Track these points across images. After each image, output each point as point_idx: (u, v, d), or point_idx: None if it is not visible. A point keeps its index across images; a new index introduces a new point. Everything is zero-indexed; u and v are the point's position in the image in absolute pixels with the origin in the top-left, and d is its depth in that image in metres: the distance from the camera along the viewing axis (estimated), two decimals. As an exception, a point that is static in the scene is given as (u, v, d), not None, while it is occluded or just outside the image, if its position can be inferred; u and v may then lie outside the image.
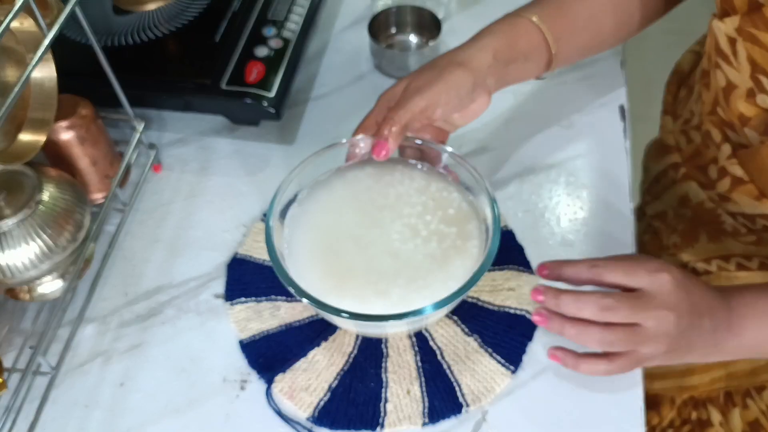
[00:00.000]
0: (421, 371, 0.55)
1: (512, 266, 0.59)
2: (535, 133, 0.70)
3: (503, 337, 0.56)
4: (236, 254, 0.62)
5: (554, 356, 0.50)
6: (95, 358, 0.58)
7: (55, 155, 0.62)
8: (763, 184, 0.57)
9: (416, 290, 0.50)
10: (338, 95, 0.75)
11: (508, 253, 0.60)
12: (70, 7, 0.53)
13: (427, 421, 0.53)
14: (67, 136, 0.61)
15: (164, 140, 0.72)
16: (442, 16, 0.79)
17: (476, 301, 0.58)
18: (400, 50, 0.78)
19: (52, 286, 0.59)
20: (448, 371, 0.54)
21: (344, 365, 0.55)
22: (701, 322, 0.47)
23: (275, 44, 0.70)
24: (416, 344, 0.56)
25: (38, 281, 0.58)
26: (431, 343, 0.56)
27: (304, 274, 0.51)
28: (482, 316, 0.57)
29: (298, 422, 0.53)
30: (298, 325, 0.57)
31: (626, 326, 0.46)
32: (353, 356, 0.56)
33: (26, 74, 0.49)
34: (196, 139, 0.72)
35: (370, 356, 0.55)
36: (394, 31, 0.78)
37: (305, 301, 0.47)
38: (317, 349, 0.56)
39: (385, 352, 0.56)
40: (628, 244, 0.61)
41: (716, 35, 0.55)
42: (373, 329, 0.54)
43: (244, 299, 0.59)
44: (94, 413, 0.55)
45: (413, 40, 0.79)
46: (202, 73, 0.68)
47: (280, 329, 0.57)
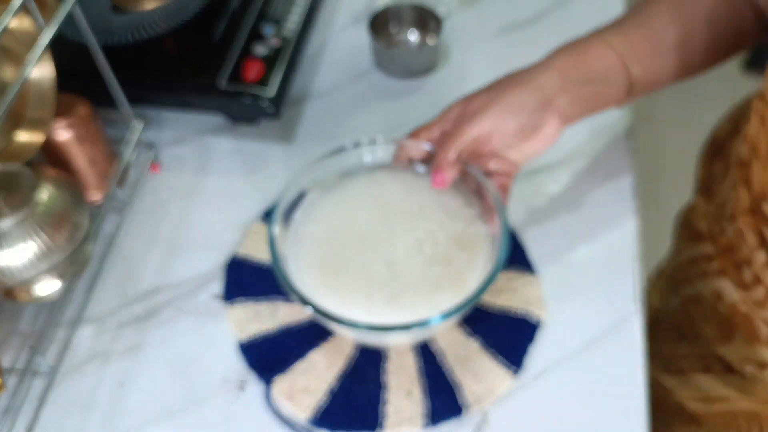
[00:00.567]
0: (421, 373, 0.54)
1: (514, 267, 0.59)
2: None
3: (505, 338, 0.55)
4: (235, 254, 0.62)
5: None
6: (94, 358, 0.57)
7: (53, 155, 0.62)
8: None
9: (397, 307, 0.49)
10: (338, 94, 0.75)
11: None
12: (68, 6, 0.52)
13: (427, 422, 0.52)
14: (65, 135, 0.60)
15: (163, 139, 0.72)
16: (442, 14, 0.79)
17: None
18: (400, 48, 0.78)
19: (50, 286, 0.59)
20: (448, 373, 0.54)
21: (344, 367, 0.55)
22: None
23: (274, 43, 0.69)
24: (417, 346, 0.56)
25: (36, 281, 0.58)
26: (432, 344, 0.56)
27: (301, 265, 0.51)
28: (484, 317, 0.56)
29: (297, 424, 0.53)
30: (297, 326, 0.57)
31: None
32: (353, 358, 0.55)
33: (24, 74, 0.48)
34: (194, 138, 0.72)
35: (370, 358, 0.55)
36: (394, 29, 0.78)
37: (308, 309, 0.47)
38: (317, 350, 0.56)
39: (385, 353, 0.55)
40: (629, 242, 0.61)
41: (765, 120, 0.47)
42: (370, 338, 0.54)
43: (243, 300, 0.59)
44: (92, 414, 0.55)
45: (414, 38, 0.78)
46: (201, 71, 0.67)
47: (279, 330, 0.57)
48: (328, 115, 0.73)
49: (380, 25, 0.77)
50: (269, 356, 0.56)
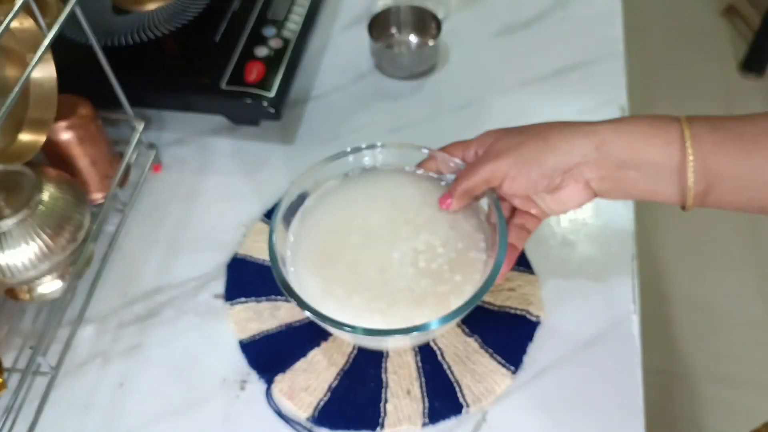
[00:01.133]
0: (421, 372, 0.54)
1: (513, 267, 0.59)
2: (535, 133, 0.70)
3: (504, 337, 0.56)
4: (236, 254, 0.62)
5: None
6: (95, 358, 0.58)
7: (54, 155, 0.62)
8: None
9: (374, 312, 0.48)
10: (338, 95, 0.75)
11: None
12: (69, 6, 0.53)
13: (427, 421, 0.52)
14: (66, 136, 0.61)
15: (164, 140, 0.72)
16: (442, 15, 0.79)
17: (476, 301, 0.57)
18: (400, 50, 0.78)
19: (51, 286, 0.59)
20: (448, 372, 0.54)
21: (344, 365, 0.55)
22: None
23: (275, 44, 0.70)
24: (416, 345, 0.56)
25: (38, 281, 0.58)
26: (431, 343, 0.56)
27: (299, 266, 0.51)
28: (483, 316, 0.57)
29: (297, 422, 0.53)
30: (298, 325, 0.57)
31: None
32: (353, 356, 0.55)
33: (26, 74, 0.48)
34: (195, 139, 0.72)
35: (370, 357, 0.55)
36: (394, 30, 0.78)
37: (307, 313, 0.47)
38: (317, 349, 0.56)
39: (385, 352, 0.56)
40: (628, 244, 0.61)
41: None
42: (366, 342, 0.54)
43: (243, 299, 0.59)
44: (93, 414, 0.55)
45: (413, 39, 0.79)
46: (201, 73, 0.68)
47: (279, 329, 0.57)
48: (328, 116, 0.73)
49: (380, 26, 0.77)
50: (270, 355, 0.56)
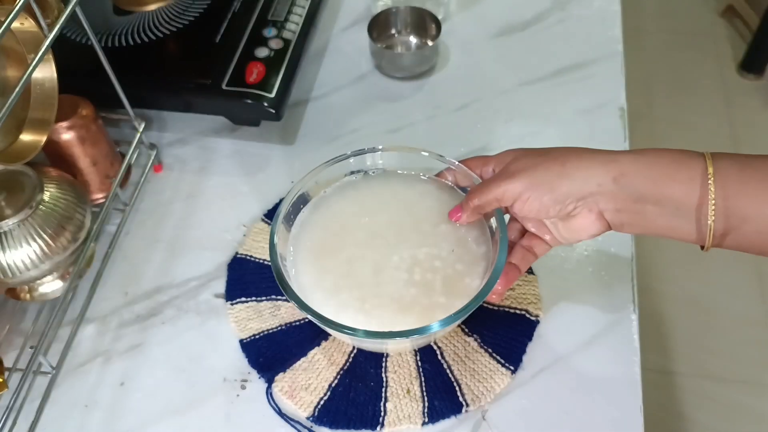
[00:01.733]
0: (421, 371, 0.55)
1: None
2: (534, 133, 0.71)
3: (503, 337, 0.56)
4: (236, 254, 0.62)
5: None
6: (95, 357, 0.58)
7: (55, 155, 0.62)
8: None
9: (357, 310, 0.49)
10: (338, 95, 0.75)
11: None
12: (70, 7, 0.53)
13: (426, 420, 0.53)
14: (67, 136, 0.61)
15: (165, 140, 0.72)
16: (441, 16, 0.80)
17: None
18: (400, 51, 0.78)
19: (52, 285, 0.59)
20: (448, 371, 0.55)
21: (344, 364, 0.55)
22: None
23: (275, 45, 0.70)
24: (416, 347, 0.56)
25: (39, 281, 0.58)
26: (431, 343, 0.56)
27: (299, 264, 0.51)
28: (482, 315, 0.57)
29: (298, 421, 0.53)
30: (298, 324, 0.57)
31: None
32: (353, 355, 0.56)
33: (27, 74, 0.49)
34: (196, 139, 0.72)
35: (370, 356, 0.56)
36: (393, 31, 0.79)
37: (310, 316, 0.48)
38: (317, 348, 0.56)
39: (385, 352, 0.56)
40: (627, 243, 0.61)
41: None
42: (365, 344, 0.54)
43: (244, 299, 0.59)
44: (94, 413, 0.55)
45: (413, 40, 0.79)
46: (202, 73, 0.68)
47: (280, 329, 0.57)
48: (328, 116, 0.73)
49: (380, 27, 0.77)
50: (270, 354, 0.56)
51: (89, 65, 0.61)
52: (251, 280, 0.60)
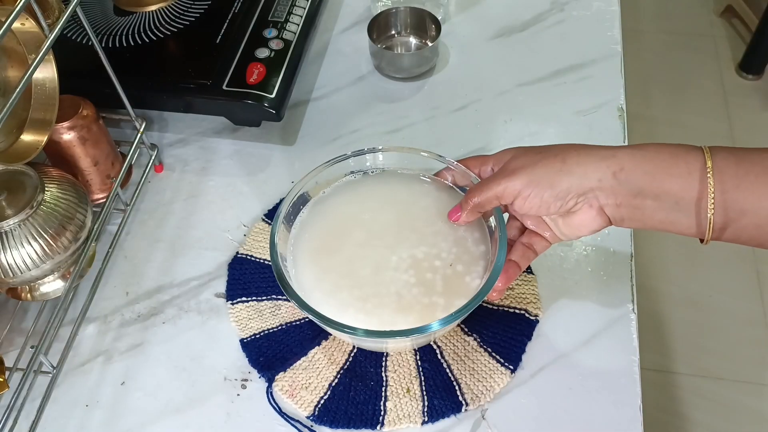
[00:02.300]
0: (420, 370, 0.55)
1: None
2: (534, 133, 0.71)
3: (502, 336, 0.56)
4: (237, 254, 0.62)
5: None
6: (96, 357, 0.58)
7: (56, 155, 0.62)
8: None
9: (357, 310, 0.49)
10: (338, 96, 0.75)
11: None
12: (71, 7, 0.53)
13: (426, 419, 0.53)
14: (68, 136, 0.61)
15: (165, 140, 0.72)
16: (441, 17, 0.80)
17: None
18: (399, 51, 0.79)
19: (53, 285, 0.59)
20: (447, 370, 0.55)
21: (344, 364, 0.55)
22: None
23: (276, 45, 0.70)
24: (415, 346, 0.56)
25: (40, 281, 0.59)
26: (431, 342, 0.56)
27: (299, 263, 0.52)
28: (481, 315, 0.57)
29: (298, 421, 0.53)
30: (298, 323, 0.58)
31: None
32: (353, 355, 0.56)
33: (28, 75, 0.49)
34: (197, 139, 0.72)
35: (370, 355, 0.56)
36: (393, 32, 0.79)
37: (311, 316, 0.48)
38: (318, 347, 0.56)
39: (385, 351, 0.56)
40: (626, 242, 0.62)
41: None
42: (365, 343, 0.55)
43: (244, 298, 0.59)
44: (95, 412, 0.55)
45: (413, 41, 0.79)
46: (203, 74, 0.68)
47: (280, 328, 0.58)
48: (328, 116, 0.73)
49: (380, 28, 0.77)
50: (271, 354, 0.56)
51: (90, 65, 0.61)
52: (252, 279, 0.60)
